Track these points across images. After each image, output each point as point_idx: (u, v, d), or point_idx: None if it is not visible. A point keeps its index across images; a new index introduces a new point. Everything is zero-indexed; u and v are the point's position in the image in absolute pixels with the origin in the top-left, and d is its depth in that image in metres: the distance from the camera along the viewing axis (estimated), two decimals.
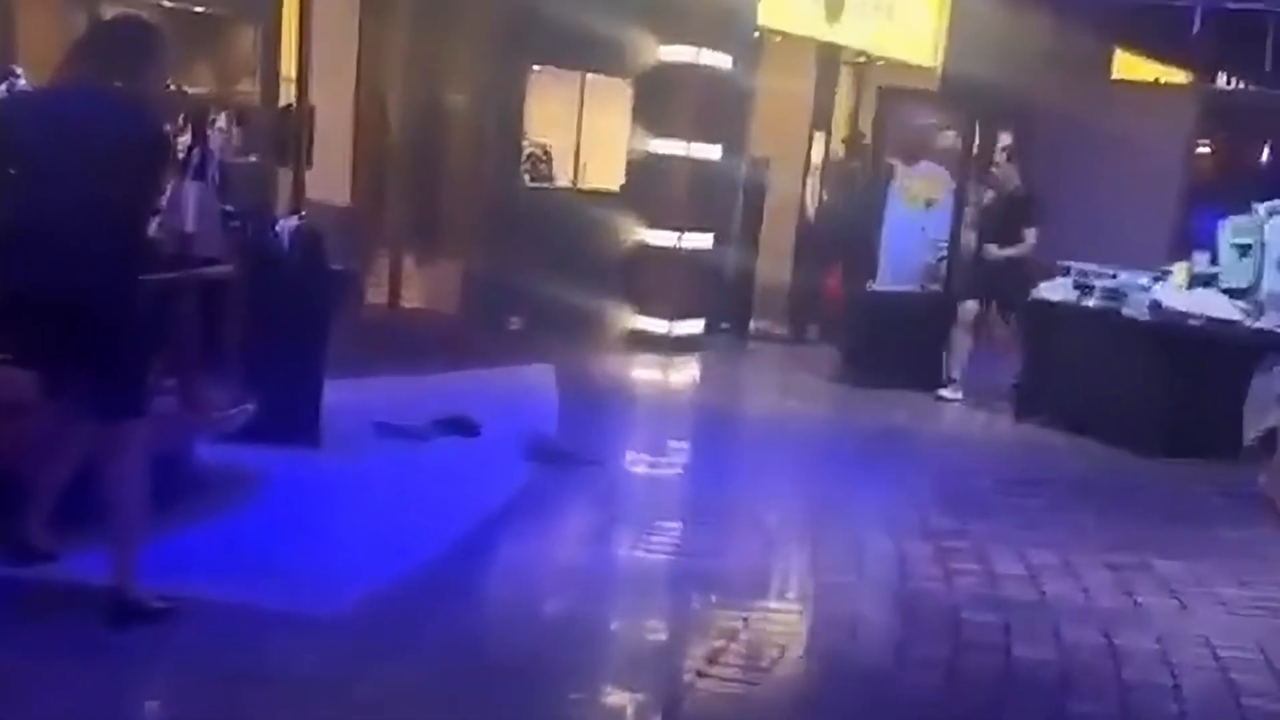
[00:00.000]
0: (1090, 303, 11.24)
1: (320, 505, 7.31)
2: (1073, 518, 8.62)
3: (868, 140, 15.16)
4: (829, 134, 15.58)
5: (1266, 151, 21.15)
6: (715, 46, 13.30)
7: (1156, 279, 11.09)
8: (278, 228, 8.30)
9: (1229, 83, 21.34)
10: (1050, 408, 11.35)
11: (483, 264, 11.96)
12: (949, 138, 13.09)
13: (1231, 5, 19.98)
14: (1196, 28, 20.23)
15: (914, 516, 8.25)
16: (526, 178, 12.71)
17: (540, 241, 12.22)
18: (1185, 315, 10.58)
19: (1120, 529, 8.42)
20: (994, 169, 12.95)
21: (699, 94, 13.33)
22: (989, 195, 12.77)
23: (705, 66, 13.27)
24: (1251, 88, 21.21)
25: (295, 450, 7.65)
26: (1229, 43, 20.64)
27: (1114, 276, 11.26)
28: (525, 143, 12.73)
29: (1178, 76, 20.64)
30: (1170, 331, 10.53)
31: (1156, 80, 20.47)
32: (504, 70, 12.64)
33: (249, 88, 10.83)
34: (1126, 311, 10.91)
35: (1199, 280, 11.00)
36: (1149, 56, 20.32)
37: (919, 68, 16.66)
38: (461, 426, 8.92)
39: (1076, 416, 11.02)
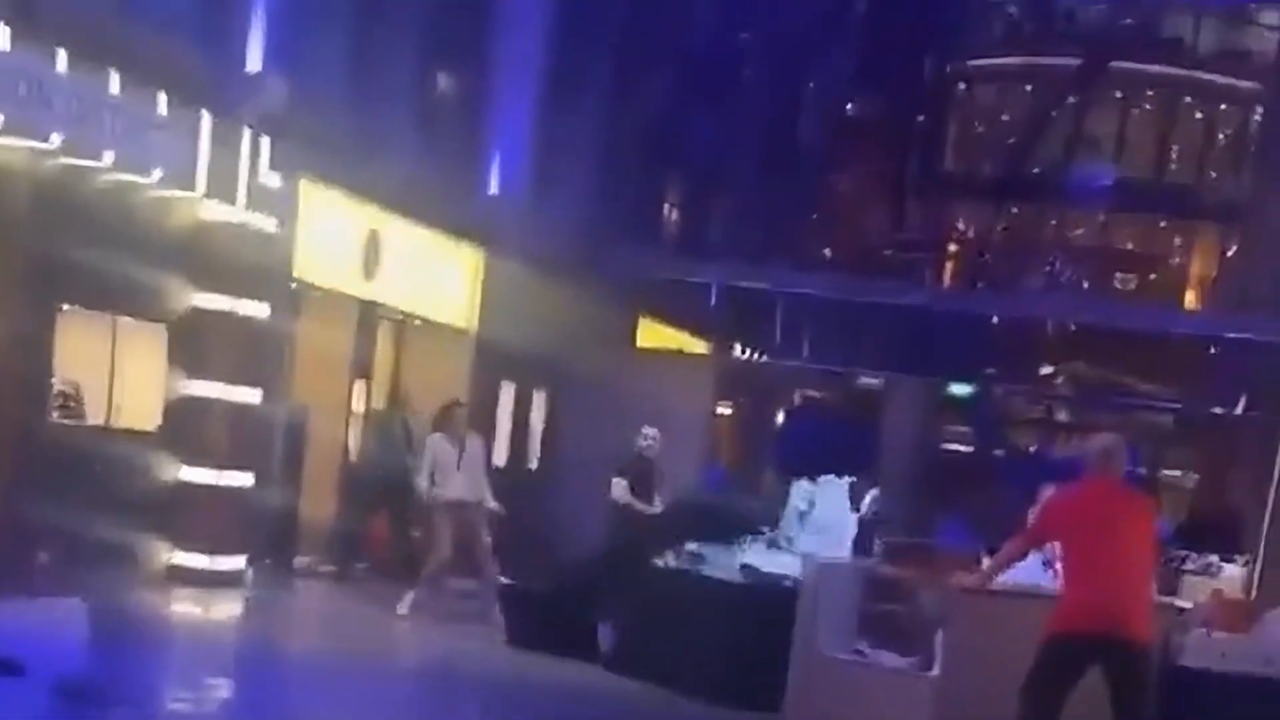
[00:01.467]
0: (675, 564, 11.24)
1: None
2: None
3: (407, 393, 15.58)
4: (369, 385, 15.82)
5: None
6: (252, 296, 13.40)
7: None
8: None
9: (743, 352, 23.04)
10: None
11: (8, 499, 11.43)
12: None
13: (745, 284, 21.76)
14: (714, 301, 21.90)
15: None
16: (55, 414, 12.31)
17: (69, 477, 11.87)
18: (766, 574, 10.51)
19: None
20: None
21: (236, 340, 13.34)
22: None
23: (241, 315, 13.33)
24: (764, 358, 22.97)
25: None
26: (743, 316, 22.38)
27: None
28: (54, 380, 12.37)
29: (698, 346, 22.12)
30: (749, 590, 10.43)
31: (679, 349, 21.86)
32: (33, 310, 12.36)
33: None
34: (710, 571, 10.87)
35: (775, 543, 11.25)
36: (671, 326, 21.72)
37: (455, 329, 17.24)
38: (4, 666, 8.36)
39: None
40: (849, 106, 33.44)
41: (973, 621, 8.29)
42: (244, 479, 13.29)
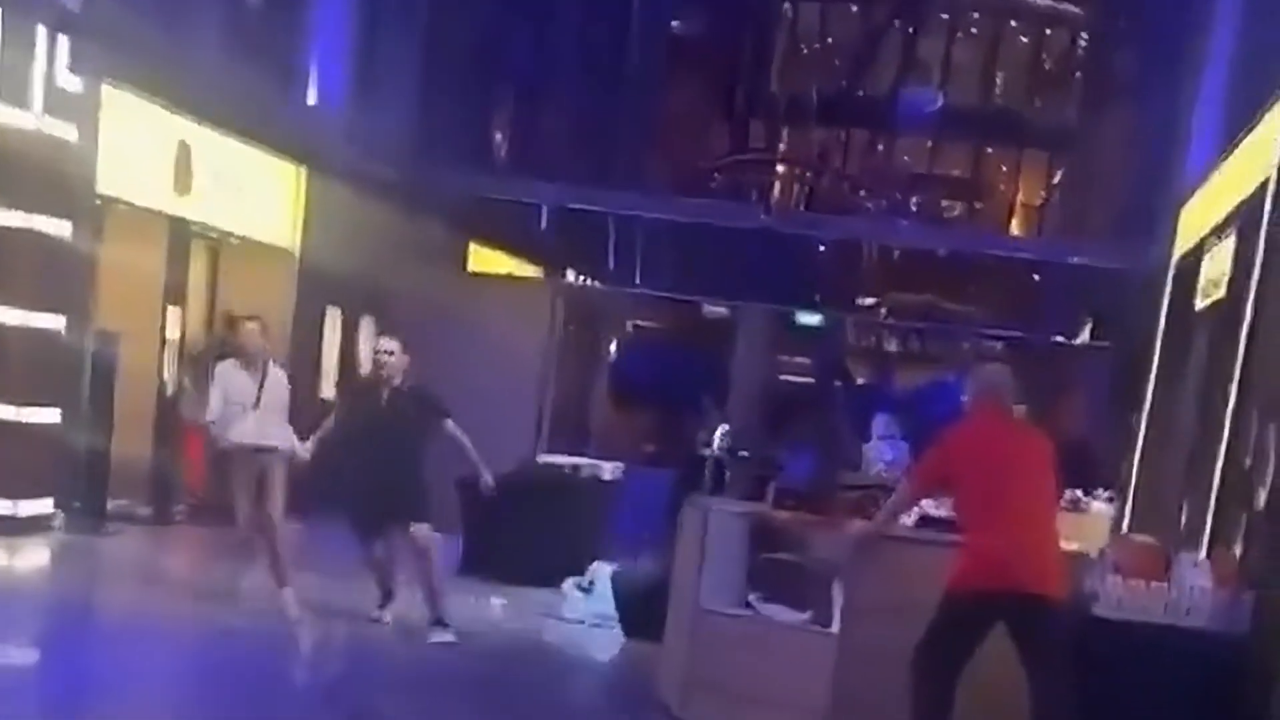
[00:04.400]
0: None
1: None
2: None
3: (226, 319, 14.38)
4: (184, 310, 14.59)
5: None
6: (50, 211, 12.17)
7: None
8: None
9: (577, 278, 22.15)
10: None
11: None
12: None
13: (575, 206, 20.88)
14: (544, 224, 20.98)
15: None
16: None
17: None
18: None
19: None
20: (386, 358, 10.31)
21: (35, 261, 12.12)
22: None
23: (39, 233, 12.09)
24: (597, 283, 22.13)
25: None
26: (574, 239, 21.50)
27: None
28: None
29: (530, 270, 21.16)
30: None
31: (510, 274, 20.88)
32: None
33: None
34: None
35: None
36: (503, 250, 20.73)
37: (276, 249, 16.09)
38: None
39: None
40: (675, 24, 32.56)
41: (873, 572, 7.57)
42: (48, 415, 12.12)
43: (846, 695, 7.54)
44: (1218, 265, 10.93)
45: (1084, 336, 20.30)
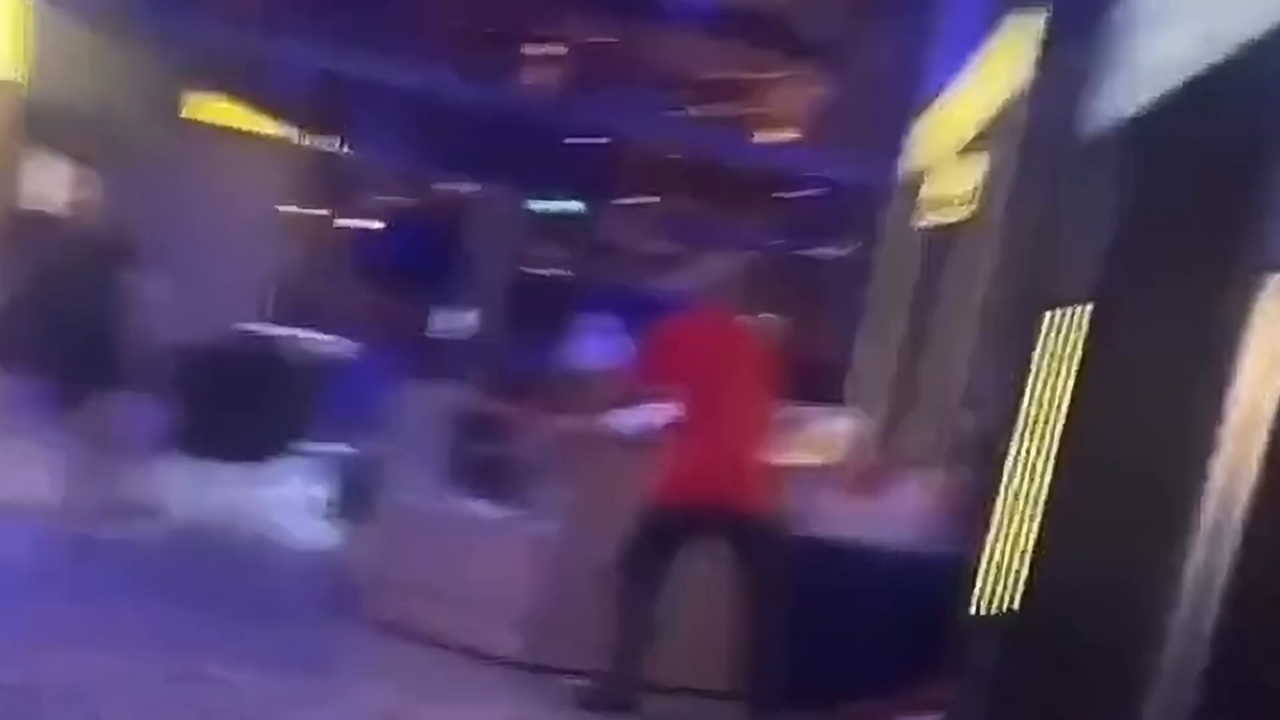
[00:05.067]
0: None
1: None
2: None
3: None
4: None
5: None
6: None
7: None
8: None
9: (316, 141, 21.07)
10: None
11: None
12: None
13: (320, 65, 19.85)
14: (286, 82, 19.90)
15: None
16: None
17: None
18: None
19: None
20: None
21: None
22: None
23: None
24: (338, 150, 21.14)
25: None
26: (316, 101, 20.50)
27: None
28: None
29: (265, 129, 20.02)
30: None
31: (241, 128, 19.70)
32: None
33: None
34: None
35: None
36: (238, 104, 19.57)
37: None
38: None
39: None
40: None
41: (583, 471, 7.15)
42: None
43: (548, 601, 7.15)
44: (956, 181, 10.75)
45: (833, 249, 20.20)
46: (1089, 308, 5.57)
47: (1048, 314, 5.95)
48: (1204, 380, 4.12)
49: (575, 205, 23.23)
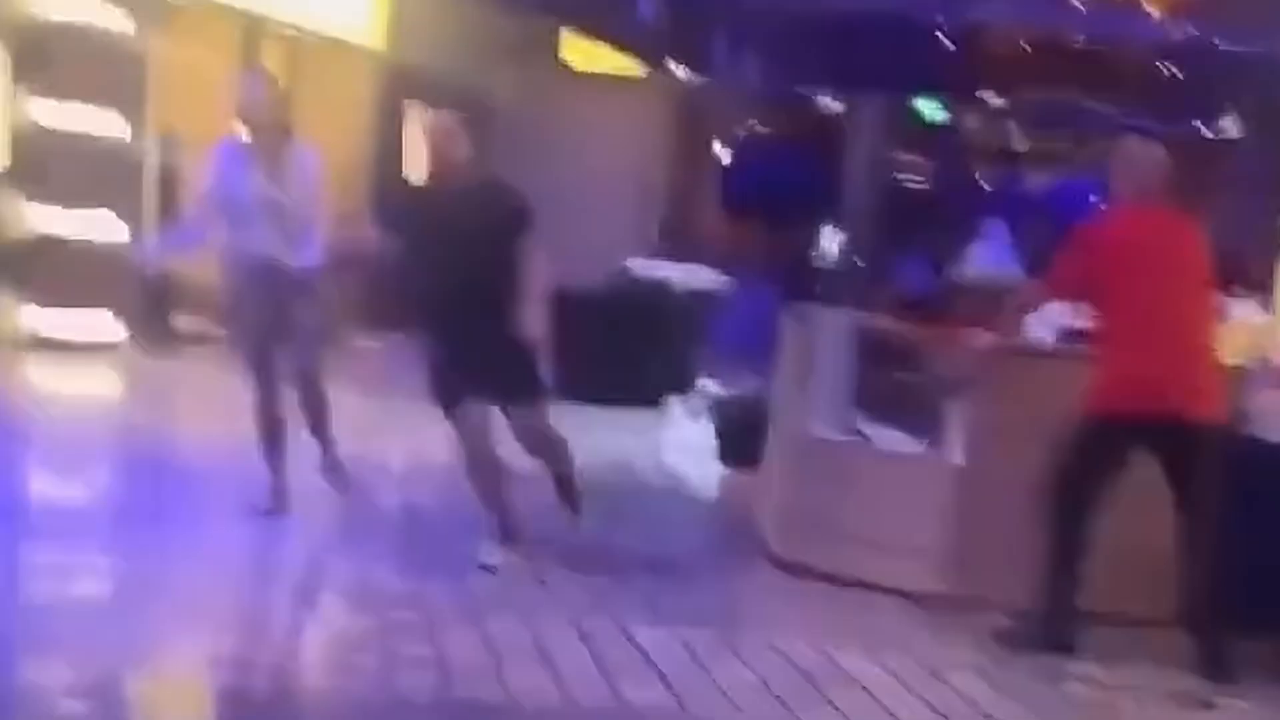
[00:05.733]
0: None
1: None
2: None
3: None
4: None
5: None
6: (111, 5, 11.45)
7: None
8: None
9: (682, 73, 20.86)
10: None
11: None
12: None
13: None
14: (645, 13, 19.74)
15: None
16: None
17: None
18: None
19: None
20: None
21: (96, 60, 11.42)
22: None
23: (100, 29, 11.35)
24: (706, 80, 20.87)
25: None
26: (682, 32, 20.22)
27: None
28: None
29: (631, 66, 19.96)
30: None
31: (610, 72, 19.70)
32: None
33: None
34: None
35: None
36: (601, 43, 19.54)
37: (358, 48, 15.18)
38: None
39: None
40: None
41: (1000, 392, 6.60)
42: (112, 226, 11.49)
43: (967, 534, 6.66)
44: None
45: (1230, 129, 18.78)
46: None
47: None
48: None
49: (951, 107, 22.27)
